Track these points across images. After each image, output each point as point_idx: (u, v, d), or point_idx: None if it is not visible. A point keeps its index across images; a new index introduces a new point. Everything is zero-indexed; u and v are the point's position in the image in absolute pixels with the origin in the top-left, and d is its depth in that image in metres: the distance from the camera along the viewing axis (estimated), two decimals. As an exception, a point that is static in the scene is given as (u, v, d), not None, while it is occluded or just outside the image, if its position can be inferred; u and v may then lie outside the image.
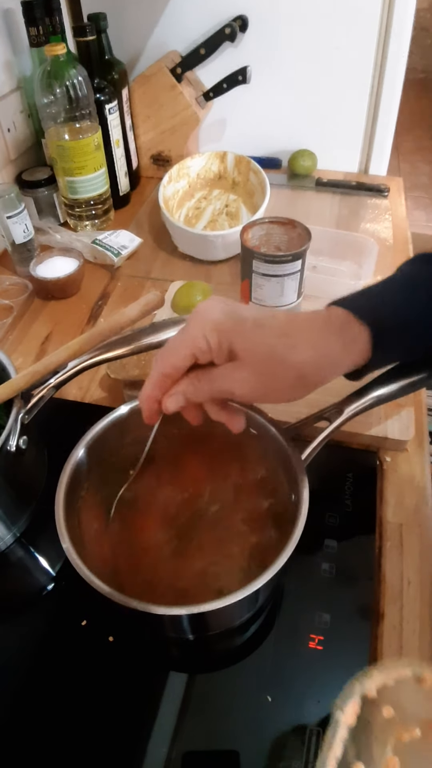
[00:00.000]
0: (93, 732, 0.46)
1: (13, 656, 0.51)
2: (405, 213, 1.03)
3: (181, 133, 1.07)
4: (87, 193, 0.94)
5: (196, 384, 0.42)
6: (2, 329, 0.82)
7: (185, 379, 0.42)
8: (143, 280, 0.90)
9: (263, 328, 0.40)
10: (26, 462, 0.57)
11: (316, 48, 1.01)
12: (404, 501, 0.59)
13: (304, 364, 0.40)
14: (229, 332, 0.40)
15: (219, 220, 0.99)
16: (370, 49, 0.98)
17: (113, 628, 0.51)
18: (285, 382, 0.41)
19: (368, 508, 0.59)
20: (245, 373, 0.40)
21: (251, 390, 0.41)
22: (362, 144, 1.11)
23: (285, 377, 0.40)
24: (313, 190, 1.09)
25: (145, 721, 0.46)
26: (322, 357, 0.41)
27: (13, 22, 0.90)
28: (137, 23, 1.05)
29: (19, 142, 0.97)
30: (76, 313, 0.85)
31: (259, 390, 0.41)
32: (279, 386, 0.41)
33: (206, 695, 0.48)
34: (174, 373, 0.42)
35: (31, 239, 0.88)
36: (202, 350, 0.40)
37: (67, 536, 0.45)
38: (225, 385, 0.41)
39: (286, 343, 0.40)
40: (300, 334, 0.41)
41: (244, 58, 1.03)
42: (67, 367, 0.55)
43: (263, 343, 0.40)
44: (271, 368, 0.40)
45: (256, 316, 0.41)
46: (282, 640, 0.50)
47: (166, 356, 0.42)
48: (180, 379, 0.42)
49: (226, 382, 0.41)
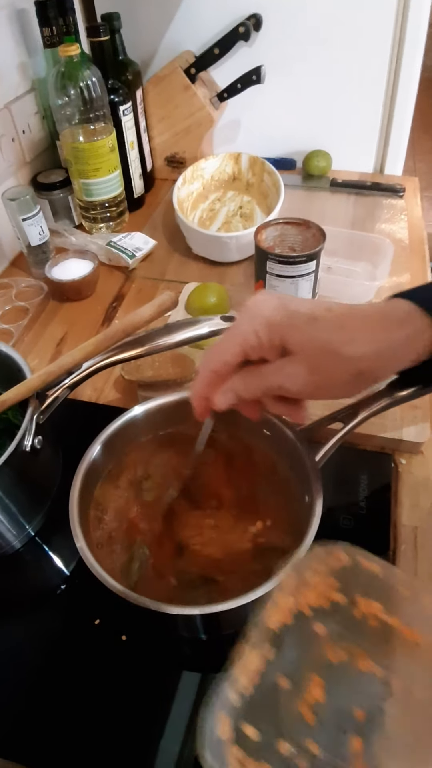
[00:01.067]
0: (106, 729, 0.46)
1: (27, 653, 0.52)
2: (421, 213, 1.02)
3: (196, 135, 1.07)
4: (102, 195, 0.95)
5: (247, 380, 0.40)
6: (18, 331, 0.83)
7: (236, 376, 0.41)
8: (158, 281, 0.91)
9: (317, 321, 0.38)
10: (41, 461, 0.58)
11: (330, 46, 1.00)
12: (419, 504, 0.59)
13: (362, 359, 0.38)
14: (281, 326, 0.38)
15: (233, 222, 0.99)
16: (386, 47, 0.98)
17: (126, 627, 0.51)
18: (341, 378, 0.38)
19: (383, 511, 0.58)
20: (298, 368, 0.38)
21: (304, 385, 0.38)
22: (377, 144, 1.10)
23: (341, 372, 0.38)
24: (328, 191, 1.09)
25: (157, 719, 0.46)
26: (381, 351, 0.38)
27: (27, 23, 0.90)
28: (151, 23, 1.05)
29: (34, 144, 0.98)
30: (91, 314, 0.86)
31: (313, 385, 0.38)
32: (334, 382, 0.39)
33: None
34: (224, 370, 0.41)
35: (46, 241, 0.89)
36: (252, 346, 0.39)
37: (81, 536, 0.46)
38: (277, 381, 0.39)
39: (343, 336, 0.38)
40: (358, 327, 0.38)
41: (258, 57, 1.02)
42: (82, 367, 0.55)
43: (317, 338, 0.38)
44: (326, 363, 0.38)
45: (310, 309, 0.39)
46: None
47: (215, 353, 0.41)
48: (231, 376, 0.41)
49: (277, 378, 0.39)
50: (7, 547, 0.58)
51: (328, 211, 1.04)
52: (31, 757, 0.45)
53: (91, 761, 0.45)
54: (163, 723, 0.46)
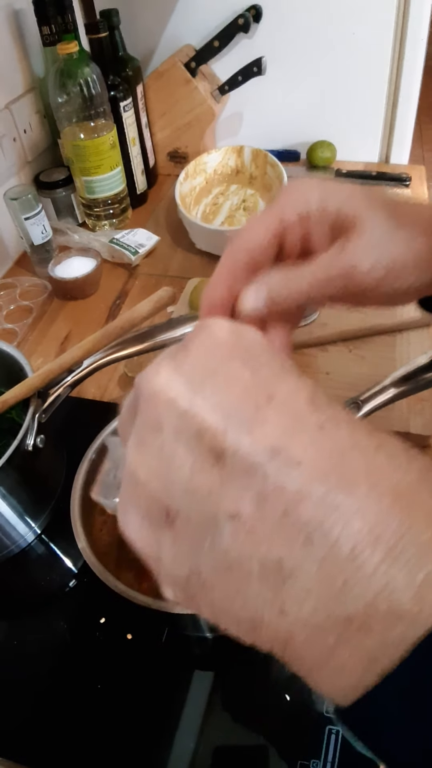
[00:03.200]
0: (114, 728, 0.46)
1: (34, 651, 0.52)
2: (428, 202, 1.01)
3: (198, 129, 1.06)
4: (104, 192, 0.94)
5: (290, 273, 0.29)
6: (22, 330, 0.83)
7: (271, 271, 0.29)
8: (161, 277, 0.90)
9: (380, 193, 0.30)
10: (44, 460, 0.58)
11: (331, 34, 0.98)
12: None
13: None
14: (336, 192, 0.29)
15: (236, 216, 0.98)
16: (388, 34, 0.96)
17: (131, 626, 0.51)
18: (420, 248, 0.29)
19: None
20: (370, 238, 0.28)
21: (378, 258, 0.28)
22: (382, 132, 1.09)
23: (419, 243, 0.29)
24: (333, 182, 1.07)
25: (165, 718, 0.46)
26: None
27: (25, 22, 0.90)
28: (150, 18, 1.04)
29: (35, 143, 0.98)
30: (94, 312, 0.85)
31: (388, 258, 0.28)
32: (413, 252, 0.29)
33: (222, 694, 0.47)
34: (254, 257, 0.29)
35: (49, 240, 0.89)
36: (301, 214, 0.29)
37: (83, 536, 0.45)
38: (345, 260, 0.28)
39: (412, 205, 0.30)
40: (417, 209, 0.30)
41: (258, 49, 1.01)
42: (83, 365, 0.55)
43: (386, 202, 0.30)
44: (402, 225, 0.29)
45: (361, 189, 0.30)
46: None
47: (241, 236, 0.30)
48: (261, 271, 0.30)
49: (345, 256, 0.28)
50: (13, 546, 0.58)
51: (333, 202, 1.02)
52: (38, 758, 0.45)
53: (100, 761, 0.45)
54: (171, 722, 0.46)
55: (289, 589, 0.17)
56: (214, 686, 0.47)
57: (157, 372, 0.20)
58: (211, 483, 0.18)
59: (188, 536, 0.19)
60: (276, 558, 0.17)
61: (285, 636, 0.18)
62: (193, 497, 0.18)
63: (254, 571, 0.17)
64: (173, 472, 0.18)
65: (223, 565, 0.18)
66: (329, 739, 0.44)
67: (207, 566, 0.18)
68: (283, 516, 0.17)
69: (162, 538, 0.19)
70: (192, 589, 0.19)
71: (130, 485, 0.20)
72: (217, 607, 0.19)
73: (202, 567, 0.19)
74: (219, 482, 0.18)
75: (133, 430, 0.20)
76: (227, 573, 0.18)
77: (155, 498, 0.19)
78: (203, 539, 0.18)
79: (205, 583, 0.19)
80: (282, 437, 0.18)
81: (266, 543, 0.17)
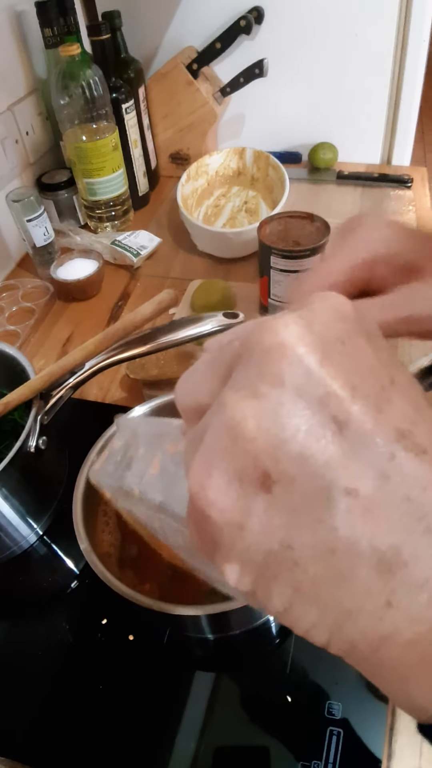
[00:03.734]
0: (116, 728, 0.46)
1: (37, 652, 0.52)
2: (429, 203, 1.01)
3: (200, 131, 1.06)
4: (106, 194, 0.95)
5: (364, 305, 0.29)
6: (25, 331, 0.83)
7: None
8: (163, 279, 0.90)
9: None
10: (46, 462, 0.58)
11: (333, 36, 0.99)
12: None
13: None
14: (406, 239, 0.30)
15: (238, 217, 0.98)
16: (390, 35, 0.96)
17: (133, 627, 0.51)
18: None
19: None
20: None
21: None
22: (384, 134, 1.09)
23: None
24: (335, 183, 1.07)
25: (167, 719, 0.46)
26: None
27: (28, 24, 0.90)
28: (152, 19, 1.05)
29: (37, 145, 0.98)
30: (96, 314, 0.86)
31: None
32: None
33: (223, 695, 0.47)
34: (339, 282, 0.30)
35: (51, 242, 0.89)
36: (377, 255, 0.29)
37: (85, 537, 0.46)
38: (404, 307, 0.29)
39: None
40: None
41: (260, 50, 1.01)
42: (85, 367, 0.55)
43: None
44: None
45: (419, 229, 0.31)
46: (300, 642, 0.49)
47: (327, 262, 0.30)
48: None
49: (406, 303, 0.29)
50: (16, 547, 0.59)
51: (335, 203, 1.02)
52: (41, 758, 0.45)
53: (102, 761, 0.45)
54: (172, 722, 0.46)
55: (403, 579, 0.16)
56: (215, 687, 0.48)
57: (286, 324, 0.18)
58: (329, 452, 0.16)
59: (288, 506, 0.17)
60: (391, 544, 0.16)
61: (385, 633, 0.16)
62: (305, 464, 0.16)
63: (364, 556, 0.16)
64: (288, 432, 0.16)
65: (328, 544, 0.16)
66: (330, 740, 0.44)
67: (305, 543, 0.16)
68: (405, 500, 0.16)
69: (252, 504, 0.17)
70: (273, 568, 0.17)
71: (226, 439, 0.17)
72: (301, 593, 0.17)
73: (299, 543, 0.17)
74: (339, 453, 0.16)
75: (238, 377, 0.18)
76: (329, 554, 0.16)
77: (257, 457, 0.17)
78: (308, 512, 0.16)
79: (297, 561, 0.17)
80: (407, 422, 0.17)
81: (383, 526, 0.16)
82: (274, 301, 0.74)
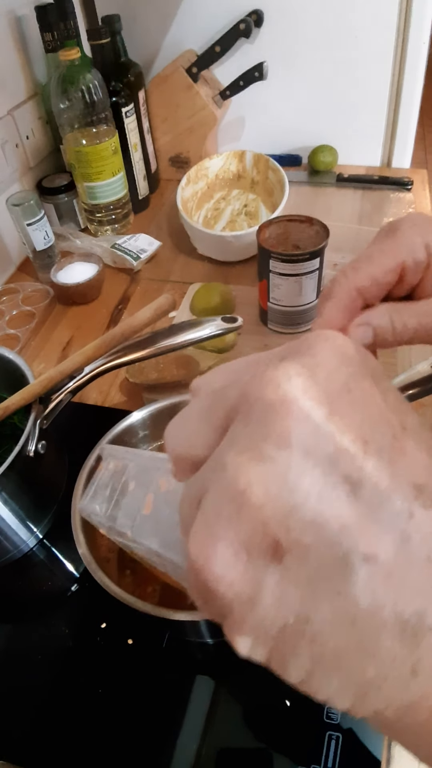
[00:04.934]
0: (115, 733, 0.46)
1: (36, 656, 0.52)
2: (430, 206, 1.01)
3: (199, 134, 1.06)
4: (106, 198, 0.95)
5: (403, 310, 0.29)
6: (25, 335, 0.83)
7: (380, 307, 0.29)
8: (163, 283, 0.90)
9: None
10: (46, 466, 0.58)
11: (333, 38, 0.99)
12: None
13: None
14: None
15: (238, 221, 0.98)
16: (390, 37, 0.96)
17: (132, 631, 0.51)
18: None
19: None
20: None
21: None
22: (384, 136, 1.09)
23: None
24: (335, 186, 1.07)
25: (163, 723, 0.46)
26: None
27: (28, 28, 0.91)
28: (151, 23, 1.05)
29: (37, 149, 0.98)
30: (96, 317, 0.86)
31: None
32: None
33: (223, 700, 0.47)
34: (371, 290, 0.29)
35: (51, 246, 0.89)
36: (418, 261, 0.29)
37: (84, 541, 0.46)
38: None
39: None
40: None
41: (260, 53, 1.02)
42: (84, 372, 0.55)
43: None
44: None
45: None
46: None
47: (361, 266, 0.29)
48: (372, 306, 0.30)
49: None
50: (15, 551, 0.59)
51: (335, 206, 1.02)
52: (41, 762, 0.45)
53: (101, 766, 0.45)
54: (172, 727, 0.46)
55: (428, 645, 0.15)
56: (215, 691, 0.48)
57: (288, 376, 0.16)
58: (345, 517, 0.15)
59: (303, 577, 0.15)
60: (415, 610, 0.15)
61: (411, 701, 0.15)
62: (319, 531, 0.15)
63: (387, 624, 0.15)
64: (299, 497, 0.15)
65: (348, 616, 0.15)
66: (330, 744, 0.44)
67: (324, 616, 0.15)
68: (428, 562, 0.15)
69: (263, 577, 0.16)
70: (290, 642, 0.16)
71: (230, 506, 0.16)
72: (321, 664, 0.16)
73: (317, 616, 0.15)
74: (355, 516, 0.15)
75: (239, 435, 0.17)
76: (350, 625, 0.15)
77: (267, 525, 0.15)
78: (325, 583, 0.15)
79: (315, 635, 0.15)
80: (423, 474, 0.16)
81: (406, 592, 0.15)
82: (274, 304, 0.74)
